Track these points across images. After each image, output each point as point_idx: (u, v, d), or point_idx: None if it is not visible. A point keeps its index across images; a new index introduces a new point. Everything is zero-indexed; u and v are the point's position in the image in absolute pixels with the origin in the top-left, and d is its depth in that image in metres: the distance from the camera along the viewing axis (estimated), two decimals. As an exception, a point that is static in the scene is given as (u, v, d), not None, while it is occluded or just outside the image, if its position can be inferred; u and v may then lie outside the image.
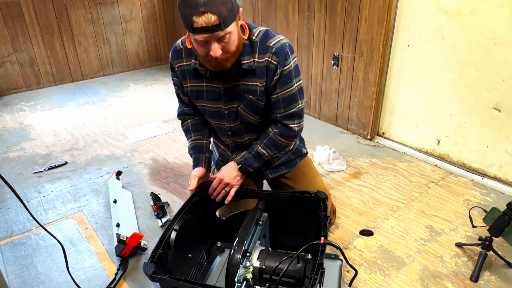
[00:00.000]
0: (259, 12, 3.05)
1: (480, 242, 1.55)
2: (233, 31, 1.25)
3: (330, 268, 1.49)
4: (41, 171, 2.35)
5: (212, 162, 2.02)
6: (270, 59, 1.38)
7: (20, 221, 1.91)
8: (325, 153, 2.34)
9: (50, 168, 2.38)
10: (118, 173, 2.18)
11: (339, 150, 2.45)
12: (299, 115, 1.50)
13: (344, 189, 2.10)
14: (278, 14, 2.91)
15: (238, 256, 1.18)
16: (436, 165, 2.31)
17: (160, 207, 1.92)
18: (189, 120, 1.64)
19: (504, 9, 1.84)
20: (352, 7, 2.41)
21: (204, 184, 1.52)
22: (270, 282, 1.16)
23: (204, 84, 1.46)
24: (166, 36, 4.33)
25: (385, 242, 1.72)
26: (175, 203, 2.02)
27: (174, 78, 1.56)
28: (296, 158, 1.68)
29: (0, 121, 3.08)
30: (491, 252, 1.54)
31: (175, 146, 2.63)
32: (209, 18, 1.16)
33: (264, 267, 1.20)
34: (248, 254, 1.20)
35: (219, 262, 1.56)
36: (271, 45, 1.38)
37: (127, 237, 1.60)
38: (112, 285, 1.50)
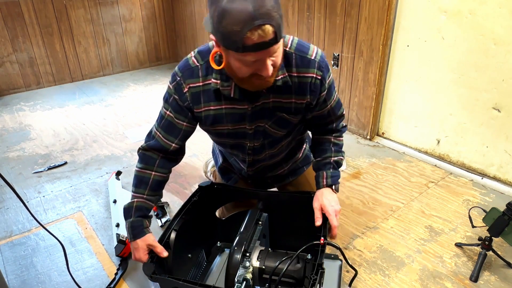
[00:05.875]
0: (259, 12, 3.05)
1: (479, 242, 1.55)
2: (281, 41, 1.07)
3: (330, 268, 1.49)
4: (41, 171, 2.35)
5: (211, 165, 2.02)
6: (315, 75, 1.22)
7: (20, 221, 1.91)
8: (325, 153, 2.34)
9: (50, 168, 2.37)
10: (118, 173, 2.18)
11: (339, 150, 2.44)
12: (343, 112, 1.44)
13: (344, 189, 2.10)
14: (278, 14, 2.90)
15: (238, 256, 1.18)
16: (435, 165, 2.31)
17: (159, 207, 1.92)
18: (153, 173, 1.34)
19: (504, 9, 1.84)
20: (352, 7, 2.41)
21: (203, 184, 1.52)
22: (270, 282, 1.16)
23: (224, 106, 1.26)
24: (166, 36, 4.33)
25: (385, 242, 1.72)
26: (175, 203, 2.01)
27: (177, 102, 1.28)
28: (304, 166, 1.63)
29: (0, 121, 3.08)
30: (490, 252, 1.54)
31: (175, 146, 2.62)
32: (267, 31, 0.97)
33: (264, 267, 1.20)
34: (248, 254, 1.20)
35: (219, 262, 1.56)
36: (312, 58, 1.21)
37: (126, 237, 1.60)
38: (112, 285, 1.50)
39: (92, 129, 2.90)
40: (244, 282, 1.14)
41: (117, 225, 1.76)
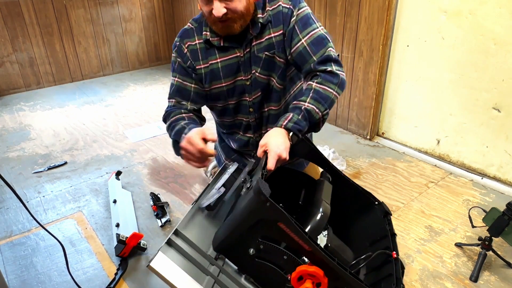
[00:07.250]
0: (259, 12, 3.05)
1: (479, 242, 1.55)
2: None
3: None
4: (41, 171, 2.35)
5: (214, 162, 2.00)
6: (282, 3, 1.30)
7: (20, 221, 1.91)
8: (325, 153, 2.34)
9: (50, 168, 2.37)
10: (118, 173, 2.18)
11: (338, 150, 2.45)
12: (335, 60, 1.28)
13: (344, 189, 2.10)
14: (278, 14, 2.90)
15: (324, 222, 1.07)
16: (435, 165, 2.31)
17: (159, 207, 1.92)
18: (184, 115, 1.34)
19: (504, 9, 1.84)
20: (352, 7, 2.41)
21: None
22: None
23: (219, 59, 1.35)
24: (166, 36, 4.33)
25: (385, 242, 1.72)
26: (175, 203, 2.01)
27: (182, 65, 1.37)
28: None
29: (0, 121, 3.08)
30: (490, 252, 1.54)
31: (175, 146, 2.62)
32: None
33: (329, 245, 1.11)
34: (327, 226, 1.13)
35: None
36: None
37: (126, 237, 1.60)
38: (112, 285, 1.50)
39: (92, 129, 2.90)
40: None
41: (117, 225, 1.76)
